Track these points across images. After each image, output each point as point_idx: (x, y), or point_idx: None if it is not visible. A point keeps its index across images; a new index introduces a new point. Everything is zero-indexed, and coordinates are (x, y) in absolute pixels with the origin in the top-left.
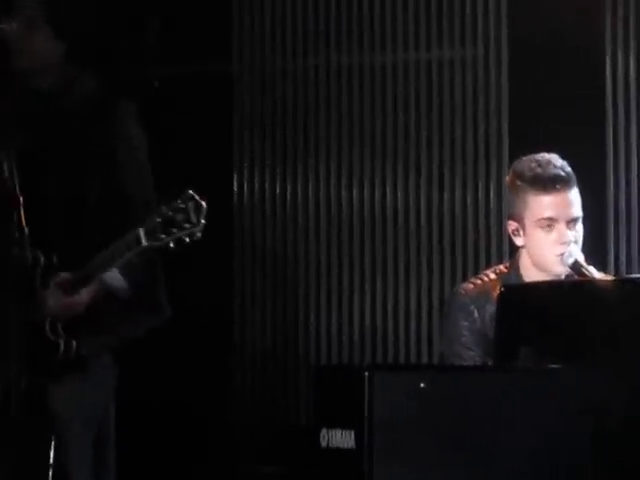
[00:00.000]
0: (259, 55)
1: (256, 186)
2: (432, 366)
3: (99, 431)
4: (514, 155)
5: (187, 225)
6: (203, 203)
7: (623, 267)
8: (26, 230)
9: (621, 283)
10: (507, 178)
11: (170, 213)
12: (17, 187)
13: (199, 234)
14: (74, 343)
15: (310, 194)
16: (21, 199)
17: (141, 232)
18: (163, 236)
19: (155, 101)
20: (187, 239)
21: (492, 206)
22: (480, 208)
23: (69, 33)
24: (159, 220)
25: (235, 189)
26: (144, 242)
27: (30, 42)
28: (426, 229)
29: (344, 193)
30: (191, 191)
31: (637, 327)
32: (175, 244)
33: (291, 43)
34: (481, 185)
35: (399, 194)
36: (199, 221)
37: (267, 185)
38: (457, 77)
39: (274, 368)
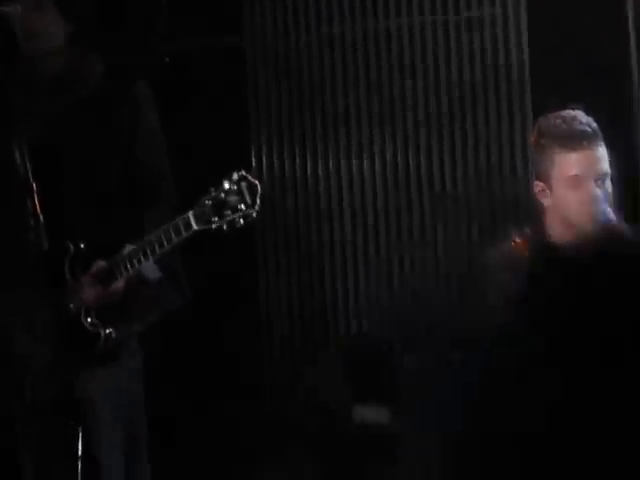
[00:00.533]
0: (271, 28)
1: (275, 161)
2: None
3: (130, 416)
4: (537, 113)
5: (242, 206)
6: (257, 182)
7: None
8: (41, 218)
9: None
10: (532, 137)
11: (222, 195)
12: (30, 175)
13: (254, 215)
14: (113, 332)
15: (331, 166)
16: (34, 186)
17: (191, 216)
18: (216, 219)
19: (167, 77)
20: (241, 221)
21: (518, 166)
22: (505, 169)
23: (75, 14)
24: (209, 202)
25: (254, 164)
26: (195, 226)
27: (38, 24)
28: (452, 194)
29: (366, 162)
30: (243, 171)
31: None
32: (228, 227)
33: (304, 14)
34: (505, 145)
35: (422, 160)
36: (255, 202)
37: (286, 159)
38: (476, 38)
39: (302, 344)
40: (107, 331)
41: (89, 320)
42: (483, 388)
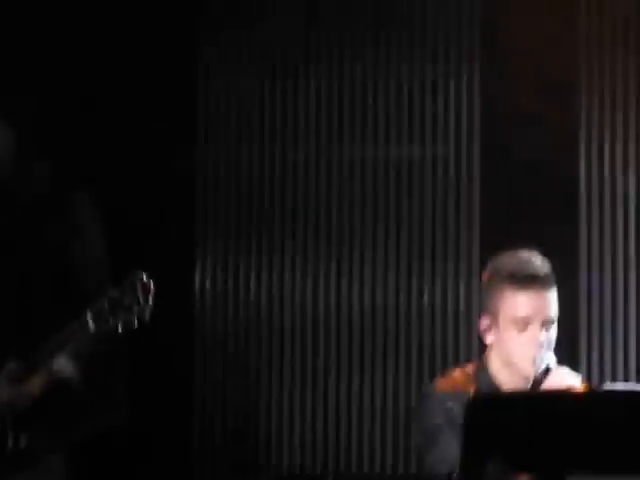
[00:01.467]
0: (224, 140)
1: (219, 274)
2: (394, 478)
3: None
4: (484, 256)
5: (135, 307)
6: (150, 282)
7: (595, 370)
8: None
9: (592, 394)
10: (485, 273)
11: (117, 295)
12: None
13: (147, 316)
14: (23, 436)
15: (274, 288)
16: None
17: (89, 316)
18: (111, 320)
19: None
20: (135, 322)
21: (461, 306)
22: (449, 307)
23: (19, 124)
24: (107, 304)
25: (197, 282)
26: (92, 327)
27: None
28: (393, 328)
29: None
30: (139, 271)
31: (611, 441)
32: (124, 328)
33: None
34: (450, 284)
35: (365, 290)
36: (147, 301)
37: (229, 272)
38: (427, 175)
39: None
40: (16, 434)
41: (3, 421)
42: None
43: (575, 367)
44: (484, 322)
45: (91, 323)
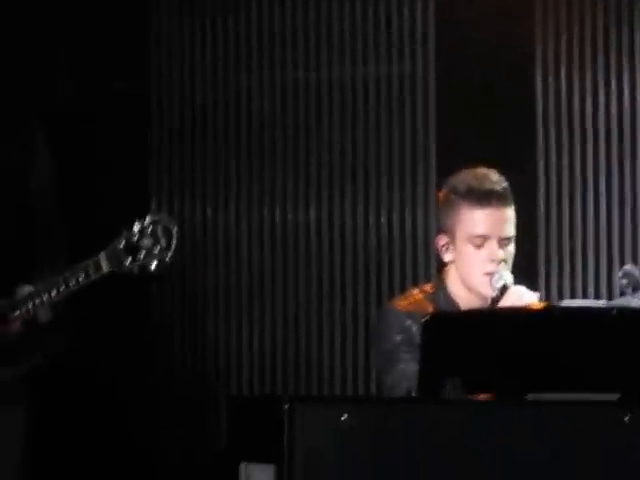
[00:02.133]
0: (178, 73)
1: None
2: (355, 398)
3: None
4: (441, 173)
5: (156, 250)
6: (174, 225)
7: (554, 289)
8: None
9: (551, 310)
10: (441, 192)
11: (135, 238)
12: None
13: (168, 259)
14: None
15: (231, 216)
16: None
17: (102, 257)
18: (128, 261)
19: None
20: (154, 265)
21: (419, 225)
22: (407, 227)
23: None
24: (123, 245)
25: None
26: (105, 268)
27: None
28: (351, 250)
29: (263, 214)
30: (162, 214)
31: (567, 357)
32: (140, 271)
33: (211, 59)
34: (408, 204)
35: (323, 214)
36: (169, 246)
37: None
38: (383, 94)
39: (192, 400)
40: None
41: None
42: None
43: (533, 287)
44: (441, 240)
45: (105, 263)
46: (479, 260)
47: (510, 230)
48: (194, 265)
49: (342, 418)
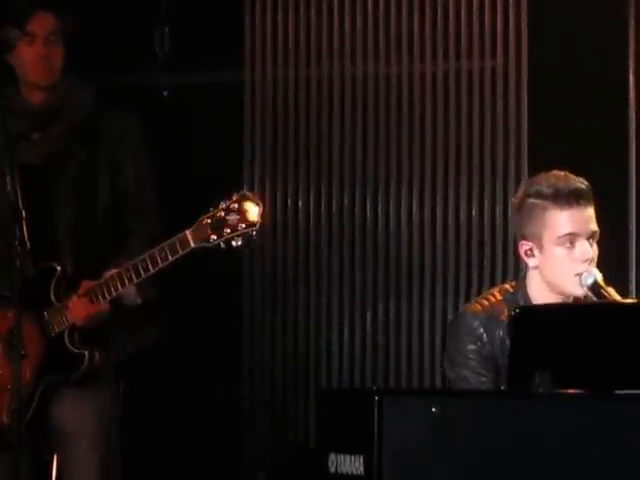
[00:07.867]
0: (271, 64)
1: (266, 201)
2: (444, 391)
3: (106, 446)
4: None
5: (242, 226)
6: (259, 202)
7: None
8: (28, 244)
9: None
10: (516, 198)
11: (221, 214)
12: (20, 201)
13: (254, 235)
14: (96, 355)
15: (322, 211)
16: (24, 213)
17: (189, 233)
18: (214, 237)
19: (163, 109)
20: (240, 241)
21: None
22: (486, 223)
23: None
24: (209, 221)
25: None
26: (192, 244)
27: (58, 60)
28: (430, 246)
29: (349, 209)
30: (248, 192)
31: None
32: (226, 245)
33: (304, 53)
34: (489, 200)
35: (414, 212)
36: (255, 222)
37: (278, 200)
38: (475, 88)
39: (284, 392)
40: (91, 353)
41: (73, 341)
42: None
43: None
44: (525, 247)
45: (191, 239)
46: (571, 261)
47: (595, 226)
48: (284, 251)
49: (432, 410)
